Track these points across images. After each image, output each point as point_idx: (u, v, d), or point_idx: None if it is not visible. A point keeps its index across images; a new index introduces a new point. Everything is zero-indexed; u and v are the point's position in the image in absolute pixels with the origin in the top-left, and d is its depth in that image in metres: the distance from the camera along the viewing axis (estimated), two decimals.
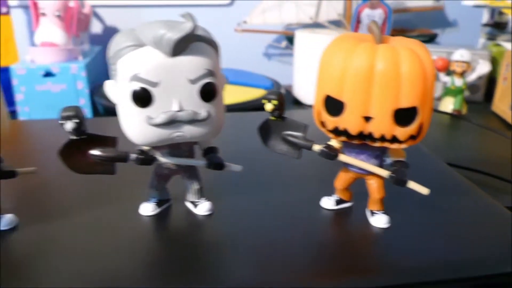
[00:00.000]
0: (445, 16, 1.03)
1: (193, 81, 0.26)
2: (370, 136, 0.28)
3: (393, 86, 0.26)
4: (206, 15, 0.96)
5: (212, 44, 0.28)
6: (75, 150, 0.28)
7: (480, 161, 0.53)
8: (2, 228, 0.30)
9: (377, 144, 0.28)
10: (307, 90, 0.85)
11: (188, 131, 0.28)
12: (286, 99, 0.32)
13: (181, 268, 0.27)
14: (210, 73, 0.27)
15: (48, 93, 0.69)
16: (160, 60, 0.26)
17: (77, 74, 0.69)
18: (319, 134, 0.31)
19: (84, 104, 0.70)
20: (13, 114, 0.71)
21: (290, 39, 0.92)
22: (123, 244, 0.29)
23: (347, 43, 0.28)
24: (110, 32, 0.96)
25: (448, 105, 0.74)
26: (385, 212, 0.32)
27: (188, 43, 0.26)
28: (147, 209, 0.33)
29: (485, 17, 0.91)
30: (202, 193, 0.33)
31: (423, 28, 1.00)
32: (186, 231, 0.32)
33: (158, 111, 0.26)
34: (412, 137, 0.28)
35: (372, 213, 0.32)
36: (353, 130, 0.28)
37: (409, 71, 0.26)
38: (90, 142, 0.28)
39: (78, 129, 0.27)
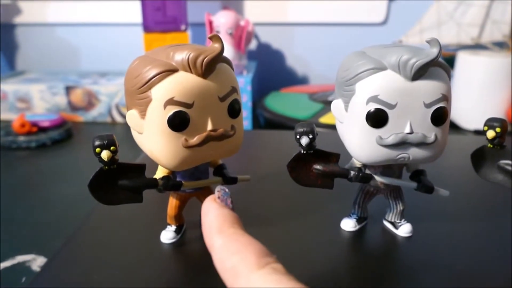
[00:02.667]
0: None
1: (428, 105, 0.27)
2: None
3: None
4: (359, 34, 0.97)
5: (446, 69, 0.28)
6: (302, 163, 0.30)
7: None
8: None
9: None
10: (467, 115, 0.81)
11: (413, 153, 0.28)
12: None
13: (375, 281, 0.28)
14: (444, 98, 0.27)
15: None
16: (400, 83, 0.26)
17: (243, 88, 0.73)
18: None
19: (246, 116, 0.75)
20: None
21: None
22: (322, 255, 0.31)
23: None
24: (263, 48, 1.02)
25: None
26: None
27: (428, 68, 0.26)
28: (348, 224, 0.34)
29: None
30: (403, 214, 0.33)
31: None
32: (387, 250, 0.32)
33: (390, 132, 0.27)
34: None
35: None
36: None
37: None
38: (315, 157, 0.30)
39: (310, 145, 0.29)
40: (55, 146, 0.72)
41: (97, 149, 0.26)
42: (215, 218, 0.19)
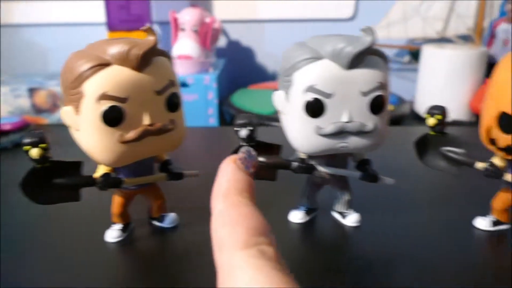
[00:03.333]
0: None
1: (365, 94, 0.27)
2: None
3: None
4: (328, 30, 0.97)
5: (383, 57, 0.28)
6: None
7: None
8: (166, 226, 0.33)
9: None
10: None
11: (353, 142, 0.28)
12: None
13: (328, 274, 0.28)
14: (381, 86, 0.27)
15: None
16: (336, 72, 0.26)
17: (209, 85, 0.73)
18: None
19: (212, 113, 0.75)
20: None
21: (414, 54, 0.89)
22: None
23: None
24: (233, 46, 1.01)
25: None
26: None
27: (364, 56, 0.26)
28: (297, 216, 0.34)
29: None
30: (351, 204, 0.34)
31: None
32: (334, 240, 0.32)
33: (328, 121, 0.27)
34: None
35: None
36: None
37: None
38: (259, 149, 0.30)
39: (250, 137, 0.28)
40: (17, 149, 0.70)
41: (26, 147, 0.25)
42: (226, 181, 0.18)
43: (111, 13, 0.75)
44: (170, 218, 0.33)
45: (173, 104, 0.28)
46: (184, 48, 0.75)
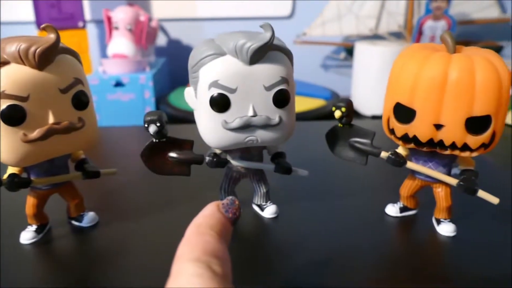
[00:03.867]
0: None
1: (268, 88, 0.28)
2: (440, 144, 0.28)
3: (466, 94, 0.26)
4: None
5: (286, 53, 0.29)
6: (155, 152, 0.30)
7: None
8: (85, 225, 0.33)
9: (447, 152, 0.28)
10: (365, 101, 0.85)
11: (260, 136, 0.29)
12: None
13: (248, 267, 0.28)
14: (284, 80, 0.28)
15: (117, 102, 0.73)
16: (239, 68, 0.27)
17: (145, 84, 0.72)
18: (385, 142, 0.31)
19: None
20: None
21: (349, 51, 0.92)
22: None
23: (420, 53, 0.28)
24: (174, 44, 1.01)
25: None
26: (452, 221, 0.32)
27: (265, 52, 0.27)
28: None
29: None
30: (268, 197, 0.34)
31: (488, 40, 0.97)
32: (253, 233, 0.33)
33: (234, 116, 0.28)
34: (484, 146, 0.27)
35: (438, 221, 0.32)
36: (423, 138, 0.28)
37: (484, 80, 0.26)
38: (169, 145, 0.30)
39: (160, 132, 0.29)
40: None
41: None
42: (202, 216, 0.20)
43: (40, 11, 0.73)
44: (89, 218, 0.33)
45: (81, 102, 0.28)
46: (119, 47, 0.74)
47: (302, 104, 0.72)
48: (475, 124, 0.27)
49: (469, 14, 0.89)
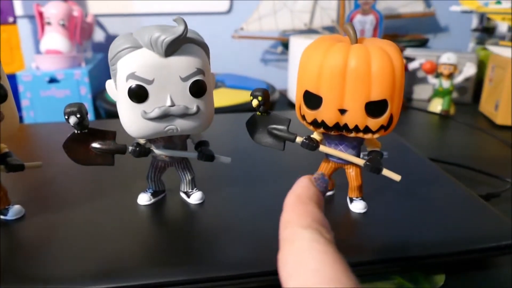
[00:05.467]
0: (436, 21, 1.06)
1: (184, 79, 0.29)
2: (345, 127, 0.31)
3: (364, 81, 0.29)
4: (205, 23, 1.00)
5: (202, 45, 0.30)
6: (78, 143, 0.31)
7: (464, 157, 0.56)
8: (10, 218, 0.33)
9: (352, 135, 0.31)
10: None
11: (179, 125, 0.31)
12: (279, 100, 0.34)
13: (175, 253, 0.29)
14: (200, 71, 0.30)
15: (52, 99, 0.72)
16: (155, 60, 0.28)
17: (80, 80, 0.72)
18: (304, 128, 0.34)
19: (87, 108, 0.73)
20: (19, 119, 0.74)
21: (286, 45, 0.95)
22: (121, 232, 0.32)
23: (324, 44, 0.30)
24: (111, 40, 1.00)
25: (437, 105, 0.77)
26: (363, 199, 0.35)
27: (180, 44, 0.29)
28: (144, 199, 0.35)
29: (475, 22, 0.93)
30: (194, 184, 0.36)
31: (415, 33, 1.03)
32: (180, 219, 0.34)
33: (153, 106, 0.29)
34: (383, 127, 0.30)
35: (351, 199, 0.35)
36: (330, 122, 0.30)
37: (379, 68, 0.28)
38: (91, 136, 0.31)
39: (80, 124, 0.30)
40: None
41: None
42: (300, 187, 0.21)
43: None
44: (14, 211, 0.33)
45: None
46: (52, 42, 0.73)
47: (238, 97, 0.74)
48: (374, 108, 0.29)
49: (396, 9, 0.94)
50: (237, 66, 1.00)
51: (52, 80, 0.71)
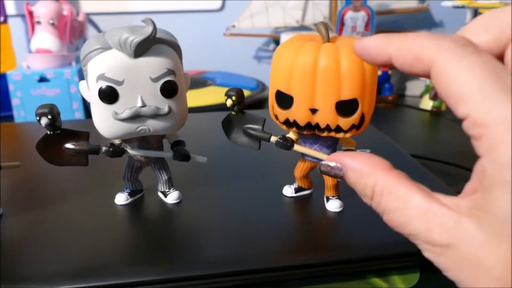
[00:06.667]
0: (430, 17, 1.06)
1: (154, 80, 0.29)
2: (317, 127, 0.31)
3: (334, 80, 0.29)
4: (197, 20, 0.99)
5: (173, 46, 0.30)
6: (51, 144, 0.31)
7: (452, 154, 0.56)
8: None
9: (325, 134, 0.31)
10: None
11: (151, 125, 0.31)
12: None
13: (152, 252, 0.30)
14: (170, 72, 0.30)
15: (43, 98, 0.72)
16: (124, 61, 0.29)
17: (70, 79, 0.72)
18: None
19: (78, 107, 0.74)
20: (10, 118, 0.74)
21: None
22: (99, 231, 0.32)
23: (295, 43, 0.30)
24: None
25: (428, 102, 0.77)
26: (339, 198, 0.35)
27: (149, 45, 0.29)
28: (121, 198, 0.35)
29: (468, 17, 0.93)
30: (171, 183, 0.36)
31: (409, 29, 1.02)
32: (158, 219, 0.34)
33: (124, 107, 0.29)
34: (355, 127, 0.30)
35: (328, 199, 0.35)
36: (302, 122, 0.30)
37: (348, 67, 0.28)
38: (64, 137, 0.31)
39: (52, 125, 0.30)
40: None
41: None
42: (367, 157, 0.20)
43: None
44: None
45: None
46: (42, 42, 0.73)
47: None
48: (344, 107, 0.29)
49: (388, 5, 0.94)
50: (230, 64, 1.00)
51: (42, 79, 0.71)
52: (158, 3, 0.98)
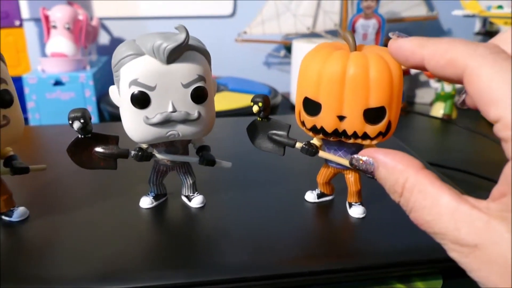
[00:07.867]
0: (440, 25, 1.06)
1: (185, 86, 0.30)
2: (344, 133, 0.31)
3: (362, 88, 0.29)
4: (209, 26, 1.00)
5: (203, 53, 0.31)
6: (81, 147, 0.31)
7: (465, 161, 0.56)
8: (14, 220, 0.34)
9: (351, 141, 0.31)
10: None
11: (181, 130, 0.31)
12: (282, 103, 0.35)
13: (175, 256, 0.30)
14: (201, 78, 0.30)
15: (57, 101, 0.73)
16: (157, 67, 0.29)
17: (85, 83, 0.73)
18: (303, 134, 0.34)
19: (92, 111, 0.74)
20: (25, 121, 0.75)
21: (288, 49, 0.95)
22: (123, 234, 0.33)
23: (323, 51, 0.31)
24: (116, 43, 1.01)
25: (439, 110, 0.77)
26: (362, 204, 0.35)
27: (182, 52, 0.29)
28: (146, 202, 0.36)
29: (477, 26, 0.94)
30: (195, 188, 0.37)
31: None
32: (181, 222, 0.35)
33: (155, 112, 0.30)
34: (381, 134, 0.31)
35: (350, 205, 0.35)
36: (329, 128, 0.31)
37: (377, 75, 0.29)
38: (95, 141, 0.31)
39: (84, 129, 0.30)
40: None
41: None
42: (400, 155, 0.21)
43: None
44: (19, 212, 0.34)
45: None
46: (57, 46, 0.74)
47: (241, 100, 0.74)
48: (372, 115, 0.30)
49: (399, 13, 0.95)
50: (240, 70, 1.01)
51: (57, 83, 0.72)
52: (170, 9, 0.99)
